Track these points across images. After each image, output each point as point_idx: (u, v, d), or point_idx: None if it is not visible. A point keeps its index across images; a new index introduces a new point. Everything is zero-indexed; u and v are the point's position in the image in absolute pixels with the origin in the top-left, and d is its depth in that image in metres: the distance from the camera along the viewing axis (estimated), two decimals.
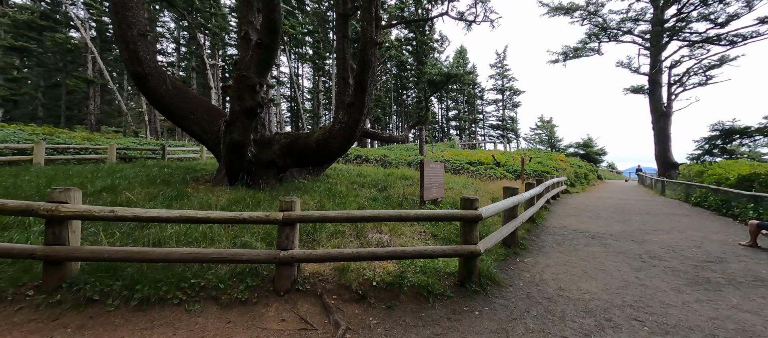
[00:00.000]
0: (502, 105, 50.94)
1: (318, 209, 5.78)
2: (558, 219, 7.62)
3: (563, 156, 21.45)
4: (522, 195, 5.06)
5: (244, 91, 7.41)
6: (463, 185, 11.52)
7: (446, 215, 3.18)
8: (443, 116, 57.28)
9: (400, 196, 7.25)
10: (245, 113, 7.44)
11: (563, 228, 6.51)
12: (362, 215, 3.04)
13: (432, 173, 7.27)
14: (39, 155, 10.10)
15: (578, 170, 18.75)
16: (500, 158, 17.63)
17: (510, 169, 15.77)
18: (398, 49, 33.45)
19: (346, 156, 21.77)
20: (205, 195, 6.45)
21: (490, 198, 9.39)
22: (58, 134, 14.27)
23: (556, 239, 5.58)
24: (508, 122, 50.67)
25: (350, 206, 6.29)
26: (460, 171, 15.72)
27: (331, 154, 8.59)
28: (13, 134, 12.61)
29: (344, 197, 7.44)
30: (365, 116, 8.54)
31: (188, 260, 2.76)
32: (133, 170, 9.57)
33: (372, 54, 7.48)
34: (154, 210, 2.77)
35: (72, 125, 31.20)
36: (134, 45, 7.67)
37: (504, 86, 49.73)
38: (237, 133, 7.49)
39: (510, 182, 13.43)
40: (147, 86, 7.93)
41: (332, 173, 12.13)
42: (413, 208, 6.51)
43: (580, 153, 29.53)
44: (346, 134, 8.27)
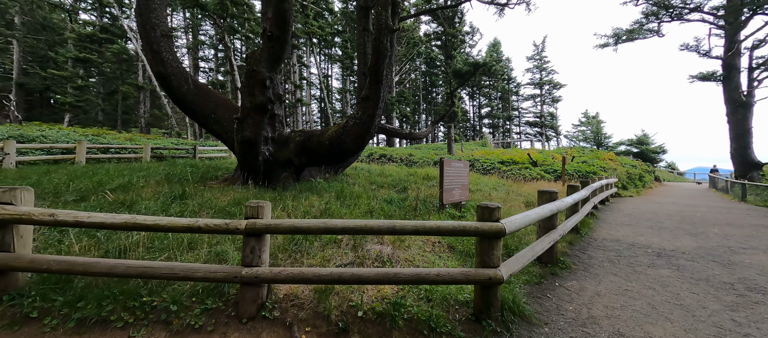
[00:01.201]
0: (541, 100, 47.37)
1: (322, 212, 5.23)
2: (609, 229, 6.34)
3: (613, 155, 19.00)
4: (562, 201, 4.06)
5: (255, 86, 7.11)
6: (493, 186, 10.39)
7: (456, 229, 2.41)
8: (475, 113, 54.79)
9: (416, 199, 6.48)
10: (256, 110, 7.14)
11: (616, 242, 5.31)
12: (344, 227, 2.37)
13: (454, 173, 6.41)
14: (80, 154, 10.81)
15: (631, 170, 16.42)
16: (537, 157, 15.98)
17: (548, 169, 14.16)
18: (427, 45, 32.40)
19: (370, 155, 21.31)
20: (211, 195, 6.19)
21: (524, 202, 8.25)
22: (104, 135, 15.47)
23: (607, 257, 4.47)
24: (547, 118, 46.99)
25: (359, 210, 5.67)
26: (491, 171, 14.44)
27: (345, 152, 8.06)
28: (65, 135, 13.81)
29: (357, 198, 6.85)
30: (381, 110, 7.89)
31: (134, 275, 2.30)
32: (160, 168, 9.81)
33: (387, 42, 6.80)
34: (99, 214, 2.34)
35: (127, 128, 34.40)
36: (157, 46, 7.73)
37: (542, 79, 46.18)
38: (248, 130, 7.22)
39: (548, 184, 11.98)
40: (169, 86, 7.99)
41: (353, 173, 11.66)
42: (431, 213, 5.71)
43: (633, 151, 26.02)
44: (361, 131, 7.70)
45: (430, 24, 28.52)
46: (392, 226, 2.39)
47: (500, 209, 2.52)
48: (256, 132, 7.36)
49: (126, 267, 2.30)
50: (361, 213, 5.33)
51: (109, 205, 4.68)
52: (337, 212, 5.23)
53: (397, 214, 5.42)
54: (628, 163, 18.55)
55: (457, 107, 22.97)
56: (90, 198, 5.20)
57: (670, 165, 30.22)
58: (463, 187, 6.74)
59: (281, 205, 5.39)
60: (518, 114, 50.44)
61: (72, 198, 5.09)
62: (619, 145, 28.91)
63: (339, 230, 2.39)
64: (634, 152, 26.00)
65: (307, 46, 35.50)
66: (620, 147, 28.31)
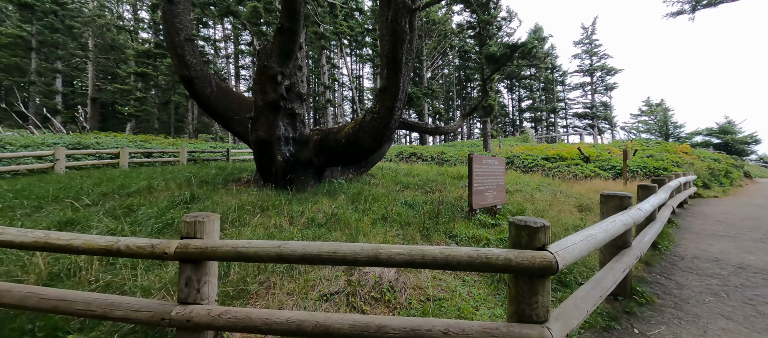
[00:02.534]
0: (591, 89, 42.55)
1: (329, 218, 4.57)
2: (698, 242, 4.83)
3: (687, 147, 15.94)
4: (638, 210, 2.90)
5: (266, 82, 6.71)
6: (536, 186, 8.99)
7: (474, 260, 1.53)
8: (515, 107, 51.13)
9: (438, 203, 5.56)
10: (269, 107, 6.74)
11: (716, 262, 3.90)
12: (304, 253, 1.62)
13: (486, 172, 5.38)
14: (123, 159, 11.52)
15: (714, 165, 13.54)
16: (589, 152, 13.89)
17: (604, 165, 12.15)
18: (461, 37, 30.66)
19: (400, 154, 20.51)
20: (222, 198, 5.87)
21: (576, 206, 6.87)
22: (150, 140, 16.67)
23: (707, 286, 3.18)
24: (600, 108, 42.09)
25: (373, 214, 4.92)
26: (533, 169, 12.80)
27: (363, 150, 7.39)
28: (117, 142, 15.02)
29: (373, 201, 6.13)
30: (402, 103, 7.07)
31: (46, 308, 1.78)
32: (191, 170, 10.07)
33: (406, 24, 5.97)
34: (10, 230, 1.87)
35: (179, 134, 37.60)
36: (182, 49, 7.75)
37: (593, 65, 41.40)
38: (262, 129, 6.85)
39: (606, 183, 10.16)
40: (194, 89, 7.99)
41: (378, 173, 11.00)
42: (457, 220, 4.76)
43: (713, 142, 21.77)
44: (379, 126, 6.97)
45: (462, 13, 26.84)
46: (376, 253, 1.58)
47: (547, 229, 1.58)
48: (270, 131, 6.97)
49: (39, 299, 1.79)
50: (372, 220, 4.57)
51: (106, 211, 4.49)
52: (347, 218, 4.53)
53: (415, 221, 4.57)
54: (708, 156, 15.44)
55: (493, 100, 21.20)
56: (100, 203, 5.12)
57: (762, 158, 24.92)
58: (498, 188, 5.67)
59: (287, 209, 4.84)
60: (564, 106, 45.95)
61: (83, 204, 5.02)
62: (694, 135, 24.52)
63: (296, 259, 1.64)
64: (715, 143, 21.80)
65: (338, 47, 35.72)
66: (696, 138, 23.98)
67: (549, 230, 1.60)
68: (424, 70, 32.31)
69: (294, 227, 4.22)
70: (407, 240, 3.70)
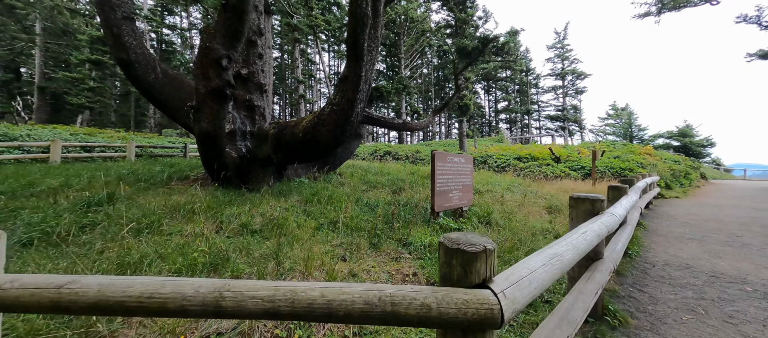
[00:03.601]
0: (563, 92, 44.11)
1: (267, 222, 3.88)
2: (667, 246, 4.60)
3: (651, 149, 16.54)
4: (612, 215, 2.47)
5: (209, 67, 5.84)
6: (507, 186, 8.71)
7: (377, 310, 0.95)
8: (491, 108, 52.09)
9: (396, 204, 5.01)
10: (212, 96, 5.88)
11: (688, 269, 3.61)
12: (98, 301, 0.98)
13: (451, 171, 4.89)
14: (55, 153, 10.10)
15: (675, 166, 14.06)
16: (560, 152, 13.99)
17: (574, 165, 12.21)
18: (438, 36, 30.54)
19: (374, 152, 19.91)
20: (154, 199, 5.06)
21: (545, 208, 6.58)
22: (95, 134, 14.98)
23: (683, 300, 2.83)
24: (570, 111, 43.72)
25: (325, 218, 4.29)
26: (506, 169, 12.65)
27: (322, 145, 6.72)
28: (53, 133, 13.31)
29: (330, 202, 5.51)
30: (365, 94, 6.46)
31: None
32: (135, 166, 9.01)
33: (368, 7, 5.40)
34: None
35: (141, 129, 34.88)
36: (118, 29, 6.70)
37: (564, 69, 42.91)
38: (205, 121, 5.98)
39: (575, 183, 10.11)
40: (134, 74, 6.95)
41: (347, 172, 10.36)
42: (417, 224, 4.21)
43: (673, 145, 22.95)
44: (339, 120, 6.33)
45: (440, 12, 26.66)
46: (216, 298, 0.96)
47: (490, 255, 1.02)
48: (215, 123, 6.11)
49: None
50: (318, 225, 3.93)
51: None
52: (288, 224, 3.86)
53: (368, 226, 3.98)
54: (669, 158, 16.09)
55: (470, 100, 21.14)
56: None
57: (714, 161, 26.75)
58: (464, 188, 5.20)
59: (225, 212, 4.10)
60: (538, 108, 47.36)
61: None
62: (656, 137, 25.78)
63: (83, 308, 0.99)
64: (675, 146, 22.97)
65: (315, 42, 34.55)
66: (658, 140, 25.22)
67: (494, 255, 1.04)
68: (402, 68, 31.92)
69: (221, 236, 3.50)
70: (351, 251, 3.11)
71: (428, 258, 3.14)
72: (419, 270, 2.83)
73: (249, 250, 2.86)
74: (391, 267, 2.85)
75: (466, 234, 1.12)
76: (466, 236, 1.09)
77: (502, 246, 3.54)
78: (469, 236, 1.09)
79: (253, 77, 8.01)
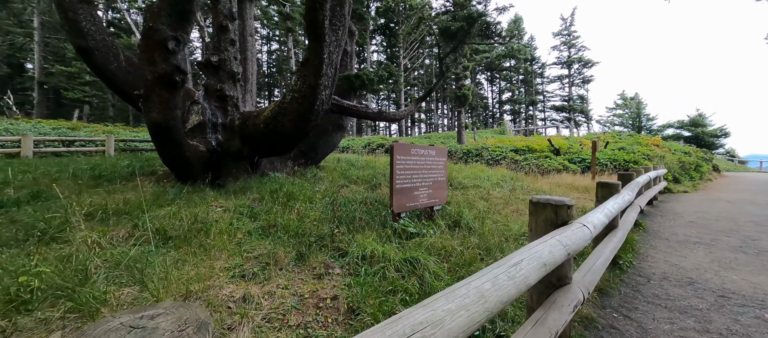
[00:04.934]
0: (569, 82, 42.53)
1: (192, 224, 3.32)
2: (668, 253, 3.92)
3: (659, 140, 15.53)
4: (583, 226, 1.83)
5: (154, 50, 5.24)
6: (497, 181, 8.02)
7: None
8: (495, 99, 50.69)
9: (333, 209, 4.41)
10: (160, 82, 5.28)
11: (690, 285, 2.94)
12: None
13: (416, 165, 4.25)
14: (26, 148, 9.72)
15: (684, 158, 13.12)
16: (560, 144, 13.16)
17: (574, 158, 11.41)
18: (438, 22, 29.38)
19: (369, 145, 19.24)
20: (89, 197, 4.61)
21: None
22: (80, 128, 14.64)
23: (681, 332, 2.18)
24: (577, 101, 42.21)
25: (262, 220, 3.72)
26: (501, 162, 11.92)
27: (284, 137, 6.14)
28: (35, 127, 12.97)
29: (289, 200, 4.99)
30: (330, 79, 5.82)
31: None
32: (105, 161, 8.68)
33: None
34: None
35: (140, 123, 34.75)
36: (74, 14, 6.15)
37: (571, 57, 41.25)
38: (155, 111, 5.40)
39: (574, 176, 9.35)
40: (94, 63, 6.43)
41: (329, 166, 9.81)
42: (371, 228, 3.60)
43: (684, 135, 21.65)
44: (301, 108, 5.72)
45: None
46: None
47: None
48: (166, 113, 5.52)
49: None
50: (250, 230, 3.35)
51: None
52: (214, 229, 3.30)
53: (312, 229, 3.39)
54: (678, 149, 15.09)
55: (468, 90, 20.26)
56: None
57: (728, 152, 25.32)
58: (435, 185, 4.57)
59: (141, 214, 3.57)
60: (543, 98, 45.88)
61: None
62: (665, 127, 24.44)
63: None
64: (686, 136, 21.72)
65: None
66: (668, 130, 23.90)
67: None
68: (400, 58, 30.95)
69: (126, 244, 2.95)
70: (267, 266, 2.52)
71: (365, 272, 2.55)
72: (343, 293, 2.23)
73: (131, 265, 2.30)
74: (307, 288, 2.26)
75: None
76: None
77: (460, 258, 2.92)
78: None
79: (224, 65, 7.41)
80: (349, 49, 9.92)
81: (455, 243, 3.25)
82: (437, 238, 3.34)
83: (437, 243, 3.21)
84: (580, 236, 1.69)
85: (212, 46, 7.45)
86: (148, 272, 2.15)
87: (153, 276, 2.10)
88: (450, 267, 2.79)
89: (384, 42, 40.95)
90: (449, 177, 7.89)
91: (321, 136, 9.08)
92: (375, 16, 34.93)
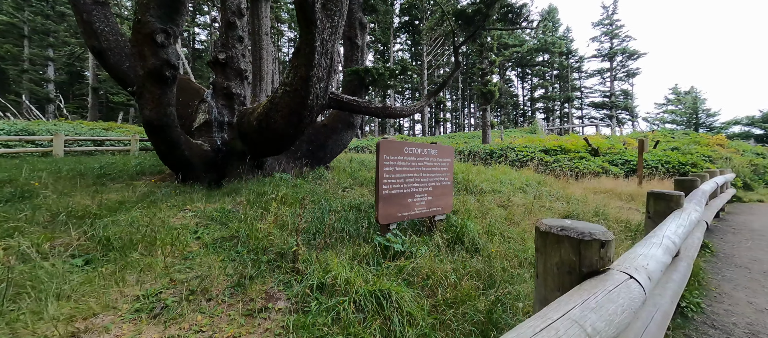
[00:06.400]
0: (611, 75, 38.82)
1: (146, 231, 2.91)
2: (754, 291, 2.86)
3: (722, 138, 13.29)
4: (624, 273, 1.06)
5: (144, 44, 5.01)
6: (521, 184, 7.01)
7: None
8: (526, 96, 47.76)
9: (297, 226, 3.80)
10: (151, 78, 5.04)
11: None
12: None
13: (411, 168, 3.54)
14: (57, 147, 10.27)
15: (757, 160, 11.01)
16: (599, 143, 11.61)
17: (616, 159, 9.94)
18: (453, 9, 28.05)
19: None
20: (78, 197, 4.47)
21: (563, 217, 4.91)
22: (113, 128, 15.54)
23: None
24: (620, 97, 38.43)
25: (227, 230, 3.24)
26: (528, 163, 10.72)
27: (277, 135, 5.70)
28: (75, 128, 13.89)
29: (279, 205, 4.55)
30: (324, 70, 5.26)
31: None
32: (123, 160, 8.92)
33: None
34: None
35: None
36: (88, 15, 6.22)
37: (613, 49, 37.58)
38: (148, 108, 5.19)
39: (615, 181, 8.02)
40: (108, 63, 6.51)
41: (339, 166, 9.36)
42: (351, 242, 2.97)
43: (755, 133, 18.43)
44: (293, 103, 5.23)
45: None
46: None
47: None
48: (159, 110, 5.29)
49: None
50: (211, 240, 2.86)
51: None
52: (178, 240, 2.85)
53: (277, 243, 2.83)
54: (749, 150, 12.79)
55: (494, 87, 18.93)
56: None
57: None
58: (437, 191, 3.83)
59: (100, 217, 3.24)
60: (580, 95, 42.37)
61: None
62: (730, 125, 21.11)
63: None
64: (757, 135, 18.54)
65: None
66: (733, 128, 20.62)
67: None
68: (424, 55, 29.98)
69: (54, 257, 2.58)
70: (192, 293, 1.98)
71: (317, 306, 1.92)
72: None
73: (21, 284, 1.86)
74: (232, 330, 1.68)
75: None
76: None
77: (451, 291, 2.18)
78: None
79: (231, 62, 7.20)
80: (359, 43, 9.36)
81: (449, 268, 2.51)
82: (427, 260, 2.62)
83: (425, 267, 2.51)
84: (623, 305, 0.92)
85: (220, 44, 7.25)
86: (29, 299, 1.69)
87: (26, 306, 1.63)
88: (434, 305, 2.08)
89: (408, 40, 40.09)
90: (465, 180, 7.03)
91: (330, 135, 8.64)
92: (399, 13, 34.25)
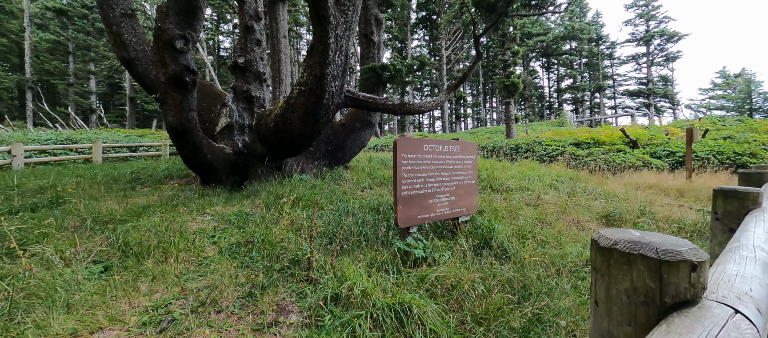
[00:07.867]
0: (647, 61, 35.97)
1: (161, 236, 2.89)
2: None
3: None
4: (725, 322, 0.78)
5: (164, 50, 5.13)
6: (552, 181, 6.52)
7: None
8: (552, 87, 45.49)
9: (309, 229, 3.62)
10: (172, 84, 5.17)
11: None
12: None
13: (432, 166, 3.30)
14: (96, 153, 10.96)
15: None
16: (637, 134, 10.66)
17: (658, 151, 9.06)
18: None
19: None
20: (105, 202, 4.65)
21: (601, 217, 4.47)
22: (146, 135, 16.44)
23: None
24: (658, 84, 35.53)
25: (243, 234, 3.17)
26: (558, 158, 10.04)
27: (294, 136, 5.66)
28: (114, 135, 14.82)
29: (293, 205, 4.47)
30: (340, 68, 5.15)
31: None
32: (153, 165, 9.35)
33: None
34: None
35: None
36: (118, 27, 6.59)
37: (649, 32, 34.77)
38: (171, 114, 5.33)
39: (659, 175, 7.27)
40: (136, 72, 6.87)
41: (357, 166, 9.28)
42: (370, 247, 2.79)
43: None
44: (308, 103, 5.16)
45: None
46: None
47: None
48: (181, 115, 5.42)
49: None
50: (227, 246, 2.79)
51: None
52: (194, 246, 2.81)
53: (291, 249, 2.71)
54: None
55: (518, 79, 18.08)
56: None
57: None
58: (461, 190, 3.56)
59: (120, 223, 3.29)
60: (613, 83, 39.67)
61: None
62: None
63: None
64: None
65: None
66: None
67: None
68: (442, 50, 29.30)
69: (74, 265, 2.60)
70: (197, 303, 1.88)
71: (331, 321, 1.75)
72: None
73: (33, 294, 1.84)
74: None
75: None
76: None
77: (479, 304, 1.93)
78: None
79: (250, 66, 7.31)
80: (375, 40, 9.18)
81: (476, 277, 2.26)
82: (451, 267, 2.38)
83: (450, 275, 2.27)
84: None
85: (239, 48, 7.35)
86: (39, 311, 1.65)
87: (33, 319, 1.59)
88: (461, 321, 1.84)
89: (426, 36, 39.44)
90: (490, 178, 6.66)
91: (349, 134, 8.57)
92: (416, 9, 33.71)
